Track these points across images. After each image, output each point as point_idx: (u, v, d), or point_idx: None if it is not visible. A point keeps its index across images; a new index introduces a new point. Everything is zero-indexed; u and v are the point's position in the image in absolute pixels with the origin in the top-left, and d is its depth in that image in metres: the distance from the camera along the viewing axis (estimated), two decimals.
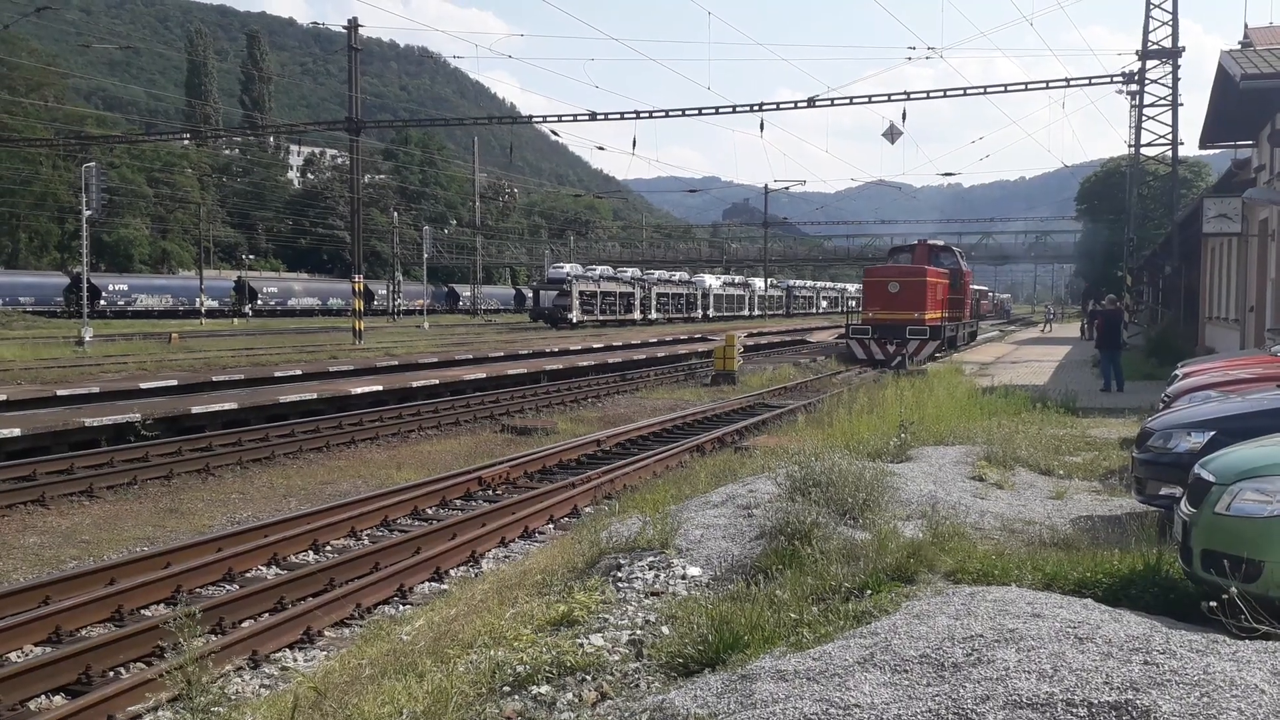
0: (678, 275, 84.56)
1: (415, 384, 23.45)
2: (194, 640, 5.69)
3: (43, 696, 6.48)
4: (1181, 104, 38.97)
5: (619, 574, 7.04)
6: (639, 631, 5.95)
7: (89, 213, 42.21)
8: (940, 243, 38.37)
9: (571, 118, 38.77)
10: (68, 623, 7.58)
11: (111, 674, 6.81)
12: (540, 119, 41.96)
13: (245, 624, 7.69)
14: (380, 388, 22.33)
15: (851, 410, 14.48)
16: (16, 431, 14.92)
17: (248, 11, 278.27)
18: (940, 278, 33.77)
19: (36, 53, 74.49)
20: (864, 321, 32.34)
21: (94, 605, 7.90)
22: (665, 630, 5.91)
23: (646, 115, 37.34)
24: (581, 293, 64.39)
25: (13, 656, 7.10)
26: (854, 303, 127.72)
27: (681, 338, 47.32)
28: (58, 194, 64.63)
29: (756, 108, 36.06)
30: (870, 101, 34.89)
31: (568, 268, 69.54)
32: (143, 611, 8.11)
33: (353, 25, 41.02)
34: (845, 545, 7.06)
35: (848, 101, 35.70)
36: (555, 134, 42.08)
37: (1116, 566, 6.50)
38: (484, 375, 25.96)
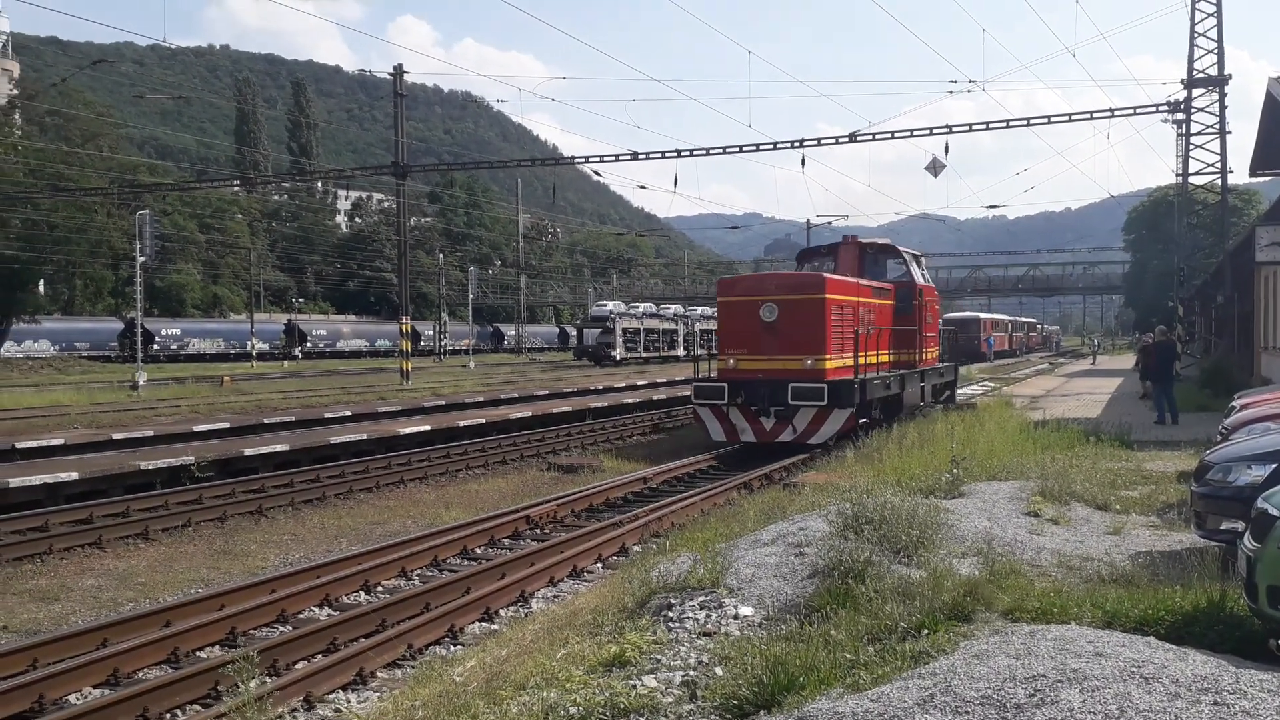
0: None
1: (462, 423, 23.59)
2: (250, 682, 5.75)
3: None
4: (1229, 131, 38.50)
5: (670, 614, 7.00)
6: (692, 673, 5.91)
7: (143, 259, 43.18)
8: (883, 241, 24.57)
9: (613, 158, 39.06)
10: (126, 665, 7.67)
11: (169, 716, 6.86)
12: (582, 159, 42.26)
13: (299, 665, 7.72)
14: (428, 427, 22.49)
15: (902, 445, 14.35)
16: (74, 475, 15.20)
17: (295, 60, 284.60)
18: (871, 296, 21.49)
19: (92, 104, 76.63)
20: (720, 374, 19.77)
21: (151, 647, 7.99)
22: (719, 671, 5.86)
23: (688, 154, 37.55)
24: (625, 330, 64.58)
25: (72, 699, 7.18)
26: None
27: None
28: (112, 241, 66.16)
29: (798, 144, 36.14)
30: (912, 135, 34.83)
31: (610, 305, 69.80)
32: (198, 653, 8.18)
33: (398, 72, 41.77)
34: (900, 584, 6.98)
35: (889, 136, 35.65)
36: (597, 174, 42.43)
37: (1179, 604, 6.36)
38: (530, 414, 26.06)
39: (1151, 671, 4.82)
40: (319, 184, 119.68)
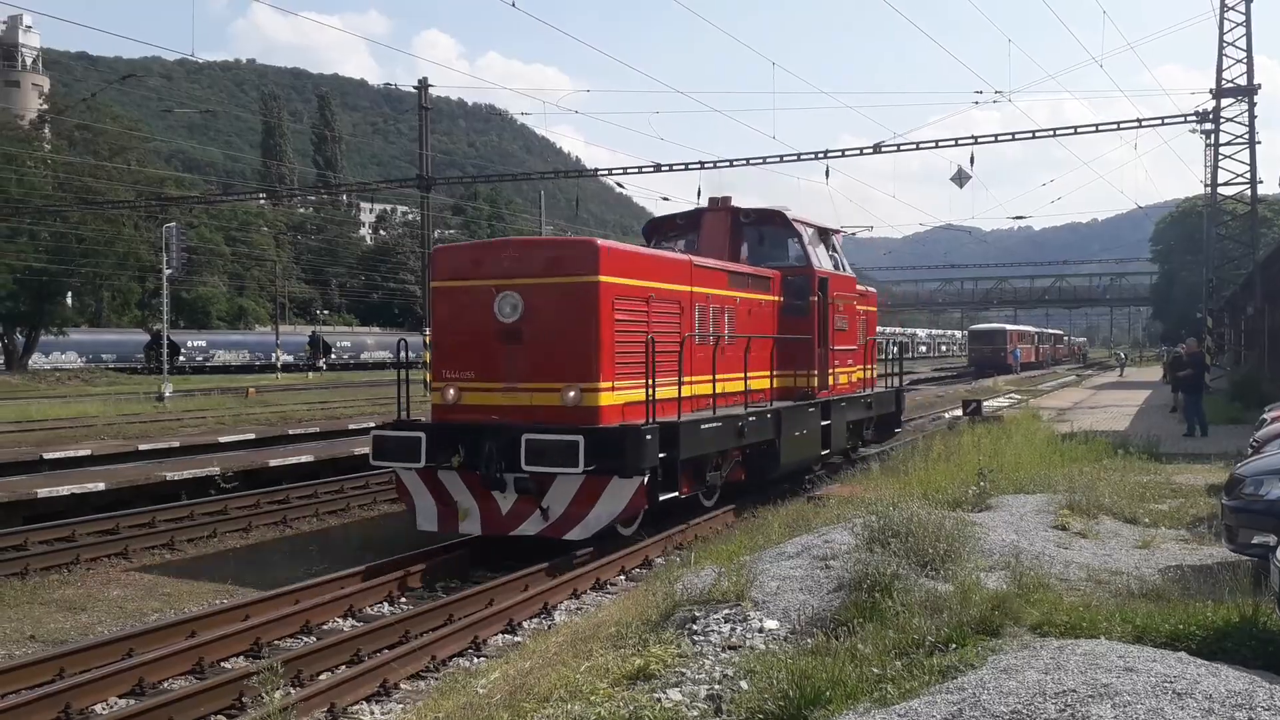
0: None
1: None
2: (275, 693, 5.75)
3: None
4: (1259, 141, 38.10)
5: (694, 627, 6.96)
6: (717, 686, 5.87)
7: (169, 271, 43.60)
8: (772, 209, 16.96)
9: (637, 169, 39.11)
10: (151, 674, 7.70)
11: None
12: (605, 171, 42.31)
13: (323, 677, 7.73)
14: None
15: (928, 458, 14.25)
16: (101, 486, 15.32)
17: (321, 74, 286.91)
18: (729, 286, 14.70)
19: (120, 118, 77.42)
20: (434, 414, 12.67)
21: (176, 658, 8.02)
22: (744, 685, 5.82)
23: (711, 165, 37.55)
24: None
25: (98, 709, 7.22)
26: (925, 349, 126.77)
27: None
28: (139, 254, 66.63)
29: (822, 155, 36.08)
30: (937, 146, 34.67)
31: None
32: (223, 664, 8.20)
33: (423, 85, 42.05)
34: (927, 597, 6.92)
35: (914, 147, 35.51)
36: (620, 186, 42.43)
37: (1210, 618, 6.28)
38: None
39: (1184, 687, 4.75)
40: (344, 197, 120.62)
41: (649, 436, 11.17)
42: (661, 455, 11.53)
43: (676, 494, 12.23)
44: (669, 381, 12.11)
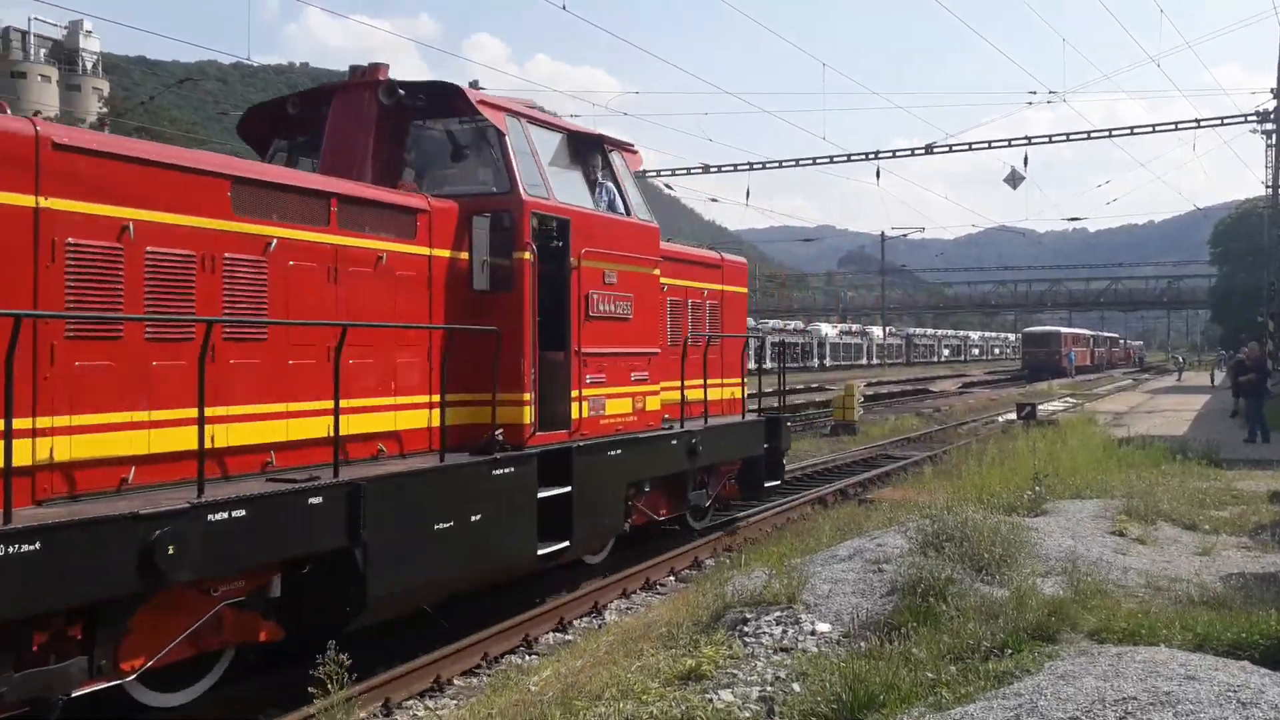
0: (792, 324, 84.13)
1: None
2: (338, 689, 5.86)
3: None
4: None
5: (745, 628, 6.96)
6: (769, 688, 5.87)
7: None
8: (454, 84, 9.44)
9: (685, 171, 39.19)
10: None
11: (263, 717, 6.99)
12: (654, 173, 42.43)
13: (377, 671, 7.82)
14: None
15: (982, 462, 14.09)
16: None
17: None
18: (366, 222, 7.91)
19: (177, 121, 79.05)
20: None
21: None
22: (796, 688, 5.81)
23: (760, 166, 37.56)
24: None
25: None
26: (978, 351, 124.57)
27: (798, 387, 46.83)
28: None
29: (872, 155, 35.88)
30: (990, 147, 34.39)
31: None
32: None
33: (473, 88, 42.40)
34: (982, 602, 6.85)
35: (967, 147, 35.24)
36: (669, 188, 42.55)
37: (1275, 627, 6.16)
38: None
39: (1249, 696, 4.66)
40: None
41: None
42: None
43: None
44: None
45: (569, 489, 9.10)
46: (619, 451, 9.97)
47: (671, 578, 11.29)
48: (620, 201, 10.65)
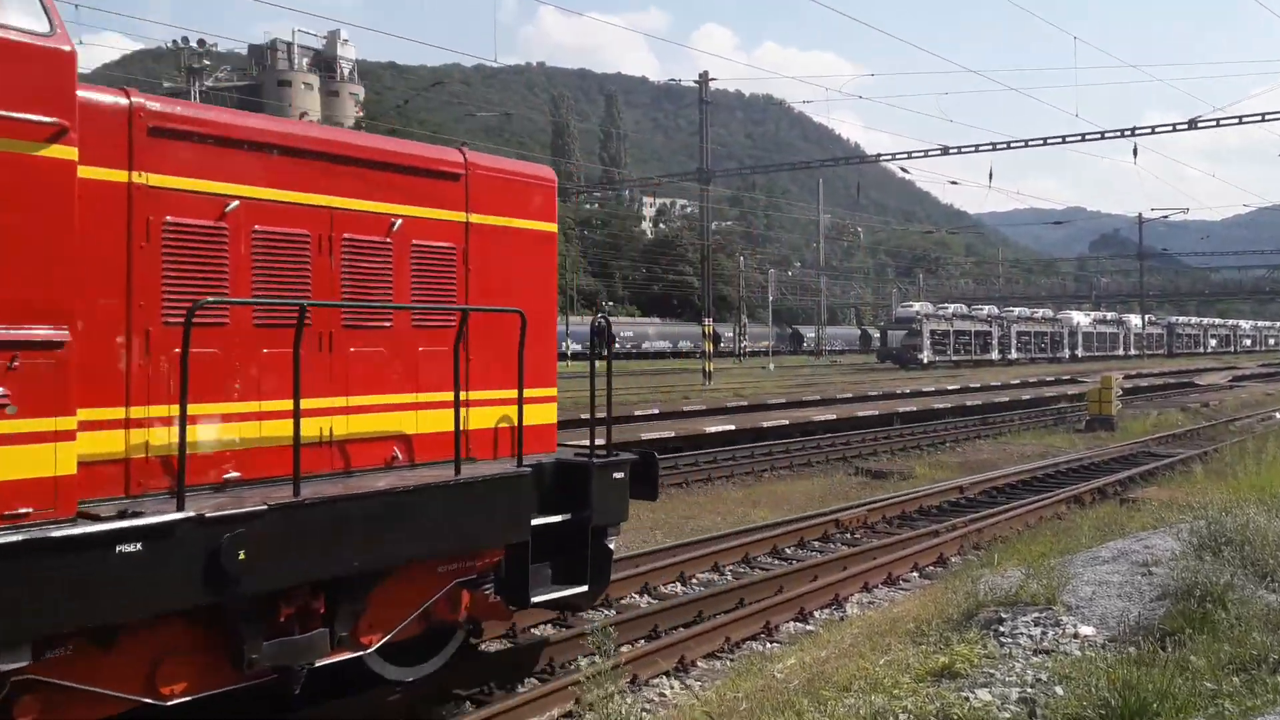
0: (1040, 312, 79.90)
1: (765, 424, 23.70)
2: (604, 659, 6.12)
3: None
4: None
5: (1000, 629, 6.68)
6: (1029, 690, 5.60)
7: None
8: None
9: (922, 153, 37.91)
10: None
11: (507, 687, 7.34)
12: (889, 156, 41.29)
13: (624, 649, 8.04)
14: (732, 427, 22.78)
15: (1260, 461, 12.89)
16: None
17: (604, 73, 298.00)
18: None
19: (427, 123, 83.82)
20: None
21: None
22: (1059, 691, 5.52)
23: (1004, 146, 35.80)
24: (932, 332, 62.52)
25: None
26: (1249, 342, 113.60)
27: (1047, 379, 44.49)
28: None
29: (1129, 132, 33.48)
30: (1264, 120, 31.31)
31: (917, 306, 67.88)
32: (532, 630, 8.69)
33: (703, 80, 42.66)
34: (1267, 611, 6.29)
35: (1236, 121, 32.27)
36: (905, 171, 41.35)
37: None
38: (833, 416, 25.77)
39: None
40: (627, 192, 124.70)
41: None
42: None
43: None
44: None
45: None
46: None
47: (915, 573, 11.00)
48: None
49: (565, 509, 6.92)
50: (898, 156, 39.63)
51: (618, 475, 7.27)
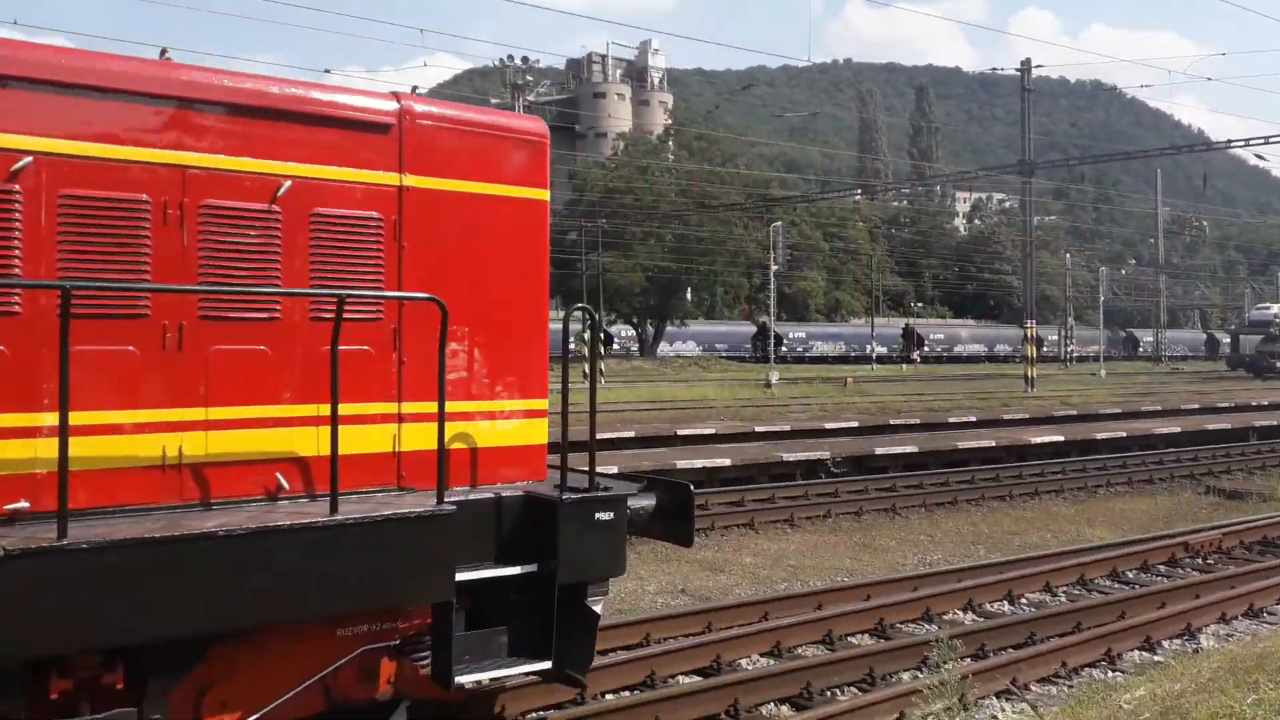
0: None
1: (1098, 435, 22.03)
2: (949, 665, 5.86)
3: (770, 705, 7.08)
4: None
5: None
6: None
7: (775, 267, 46.89)
8: None
9: (1279, 138, 33.86)
10: (785, 639, 8.25)
11: (828, 694, 7.22)
12: (1240, 143, 37.22)
13: (947, 665, 7.69)
14: (1060, 438, 21.39)
15: None
16: (727, 461, 16.87)
17: (914, 66, 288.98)
18: None
19: (731, 126, 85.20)
20: None
21: (807, 626, 8.51)
22: None
23: None
24: None
25: (743, 663, 7.88)
26: None
27: None
28: (748, 251, 72.88)
29: None
30: None
31: (1275, 308, 60.89)
32: (850, 639, 8.53)
33: (1025, 67, 40.41)
34: None
35: None
36: (1261, 158, 37.14)
37: None
38: (1177, 429, 23.57)
39: None
40: (937, 188, 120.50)
41: None
42: None
43: None
44: None
45: None
46: None
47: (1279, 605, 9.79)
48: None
49: (533, 558, 5.32)
50: (1251, 142, 35.63)
51: (603, 516, 5.45)
